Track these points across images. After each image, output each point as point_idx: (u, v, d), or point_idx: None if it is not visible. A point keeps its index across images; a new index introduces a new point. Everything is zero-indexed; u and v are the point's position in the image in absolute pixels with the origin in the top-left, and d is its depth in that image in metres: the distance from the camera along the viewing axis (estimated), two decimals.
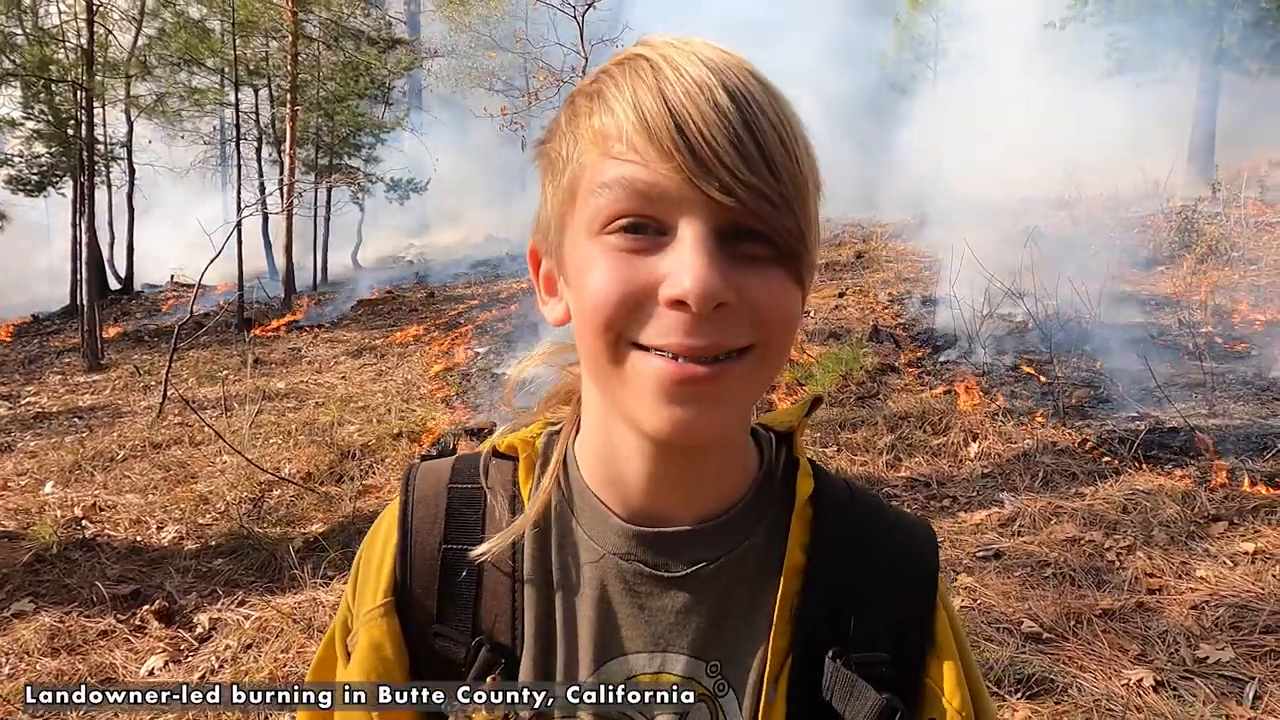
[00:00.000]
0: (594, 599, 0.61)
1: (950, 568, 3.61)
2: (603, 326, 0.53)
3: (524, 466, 0.65)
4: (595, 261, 0.53)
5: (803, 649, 0.60)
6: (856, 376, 6.34)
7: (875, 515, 0.66)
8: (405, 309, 11.77)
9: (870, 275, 9.90)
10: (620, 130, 0.52)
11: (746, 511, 0.61)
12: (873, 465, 4.85)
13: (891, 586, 0.63)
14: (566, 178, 0.55)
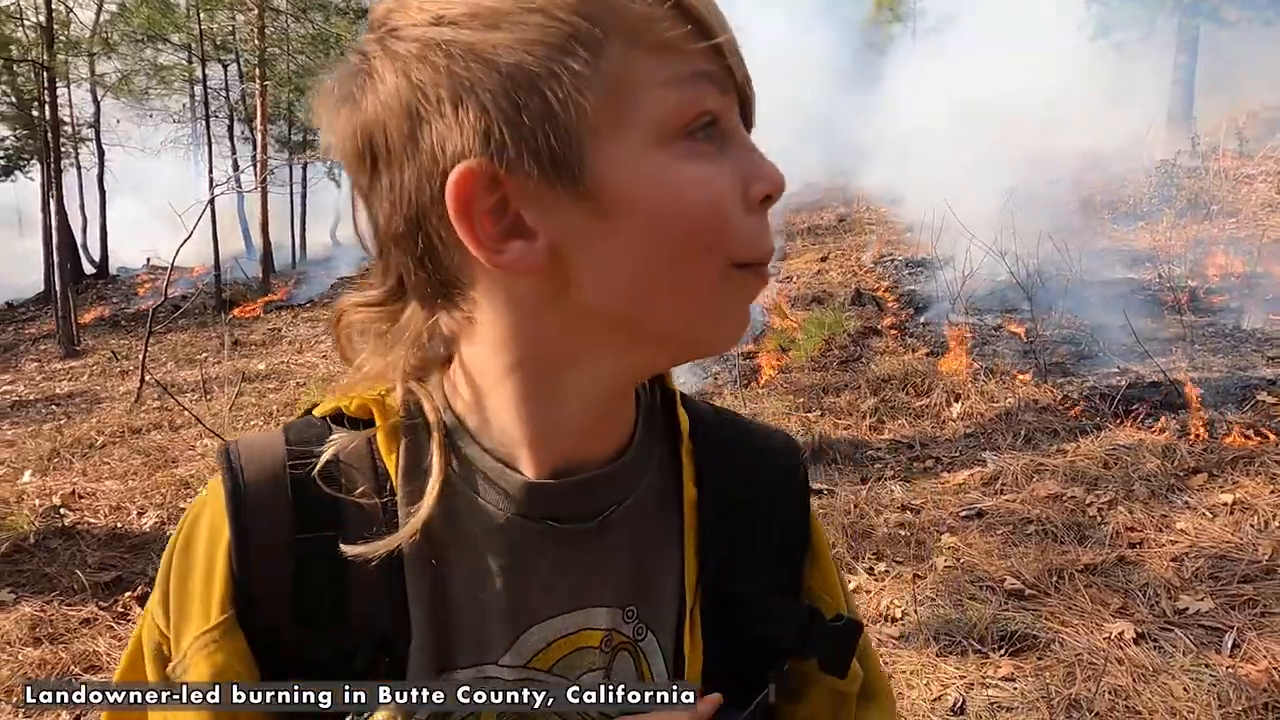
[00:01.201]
0: (500, 568, 0.55)
1: (934, 528, 3.63)
2: (722, 244, 0.49)
3: (384, 434, 0.55)
4: (694, 172, 0.47)
5: (711, 579, 0.59)
6: (839, 340, 6.34)
7: (745, 436, 0.66)
8: None
9: (852, 239, 9.88)
10: (651, 15, 0.46)
11: (640, 447, 0.58)
12: (856, 428, 4.86)
13: (775, 503, 0.63)
14: (595, 77, 0.45)
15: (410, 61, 0.46)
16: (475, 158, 0.45)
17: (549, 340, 0.51)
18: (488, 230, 0.47)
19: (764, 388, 5.83)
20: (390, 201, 0.49)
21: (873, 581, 3.25)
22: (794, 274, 8.63)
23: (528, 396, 0.53)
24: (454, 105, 0.45)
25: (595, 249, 0.48)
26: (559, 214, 0.47)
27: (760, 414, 5.26)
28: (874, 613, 3.04)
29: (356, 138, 0.49)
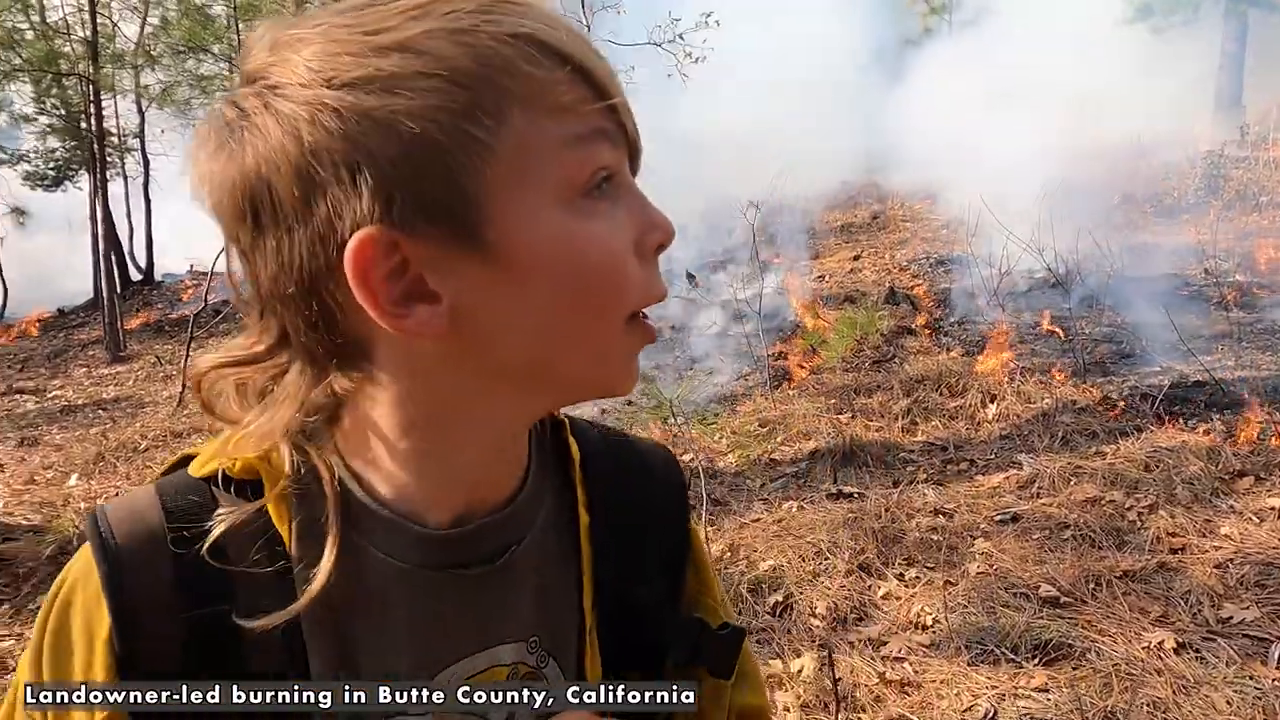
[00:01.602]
0: (406, 620, 0.55)
1: (967, 533, 3.56)
2: (619, 298, 0.50)
3: (275, 497, 0.52)
4: (594, 229, 0.48)
5: (606, 599, 0.61)
6: (872, 340, 6.26)
7: (631, 457, 0.68)
8: None
9: (886, 236, 9.75)
10: (550, 79, 0.46)
11: (534, 482, 0.59)
12: (888, 430, 4.79)
13: (660, 519, 0.66)
14: (499, 141, 0.45)
15: (300, 123, 0.45)
16: (375, 225, 0.45)
17: (451, 397, 0.51)
18: (389, 296, 0.46)
19: (795, 389, 5.78)
20: (279, 263, 0.48)
21: (903, 588, 3.20)
22: (826, 273, 8.54)
23: (429, 451, 0.53)
24: (351, 172, 0.44)
25: (500, 308, 0.48)
26: (462, 276, 0.47)
27: (790, 416, 5.22)
28: (904, 620, 3.00)
29: (237, 194, 0.47)
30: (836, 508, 3.89)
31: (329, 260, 0.46)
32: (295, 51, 0.46)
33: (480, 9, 0.46)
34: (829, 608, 3.07)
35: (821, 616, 3.05)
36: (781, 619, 3.08)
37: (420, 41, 0.45)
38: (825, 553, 3.45)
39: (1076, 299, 6.12)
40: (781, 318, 7.44)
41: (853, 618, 3.04)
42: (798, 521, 3.80)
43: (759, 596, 3.20)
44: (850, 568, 3.31)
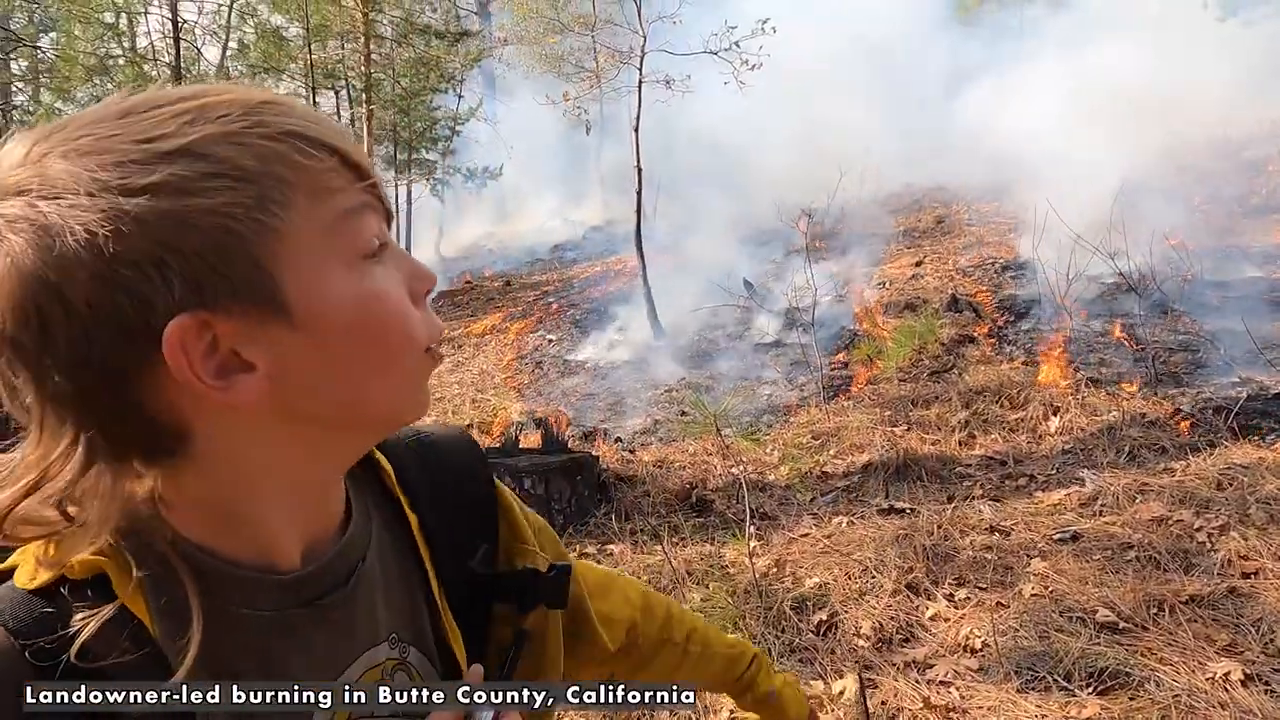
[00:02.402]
0: (282, 657, 0.58)
1: (1023, 552, 3.45)
2: (410, 339, 0.57)
3: (119, 582, 0.53)
4: (376, 286, 0.55)
5: (449, 576, 0.70)
6: (931, 350, 6.11)
7: (428, 447, 0.76)
8: (483, 298, 12.02)
9: (950, 241, 9.50)
10: (321, 167, 0.53)
11: (357, 502, 0.66)
12: (944, 443, 4.67)
13: (472, 492, 0.76)
14: (288, 223, 0.51)
15: (97, 230, 0.47)
16: (186, 312, 0.48)
17: (274, 455, 0.56)
18: (209, 372, 0.50)
19: (850, 400, 5.69)
20: (71, 364, 0.49)
21: (952, 609, 3.12)
22: (887, 280, 8.37)
23: (270, 503, 0.57)
24: (159, 268, 0.48)
25: (311, 365, 0.53)
26: (273, 343, 0.52)
27: (844, 428, 5.14)
28: (951, 642, 2.92)
29: (17, 300, 0.48)
30: (887, 524, 3.82)
31: (136, 351, 0.49)
32: (69, 162, 0.48)
33: (247, 112, 0.51)
34: (874, 628, 3.02)
35: (866, 636, 2.99)
36: (825, 638, 3.03)
37: (202, 145, 0.49)
38: (873, 570, 3.38)
39: (1150, 305, 5.86)
40: (839, 326, 7.34)
41: (898, 639, 2.98)
42: (846, 537, 3.74)
43: (803, 614, 3.16)
44: (898, 587, 3.24)
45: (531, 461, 4.34)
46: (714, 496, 4.49)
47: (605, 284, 10.63)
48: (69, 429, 0.51)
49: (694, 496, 4.45)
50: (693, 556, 3.75)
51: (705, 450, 5.14)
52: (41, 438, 0.52)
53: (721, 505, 4.37)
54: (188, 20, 12.76)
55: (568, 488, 4.31)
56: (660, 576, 3.56)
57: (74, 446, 0.51)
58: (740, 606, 3.15)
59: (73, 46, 12.33)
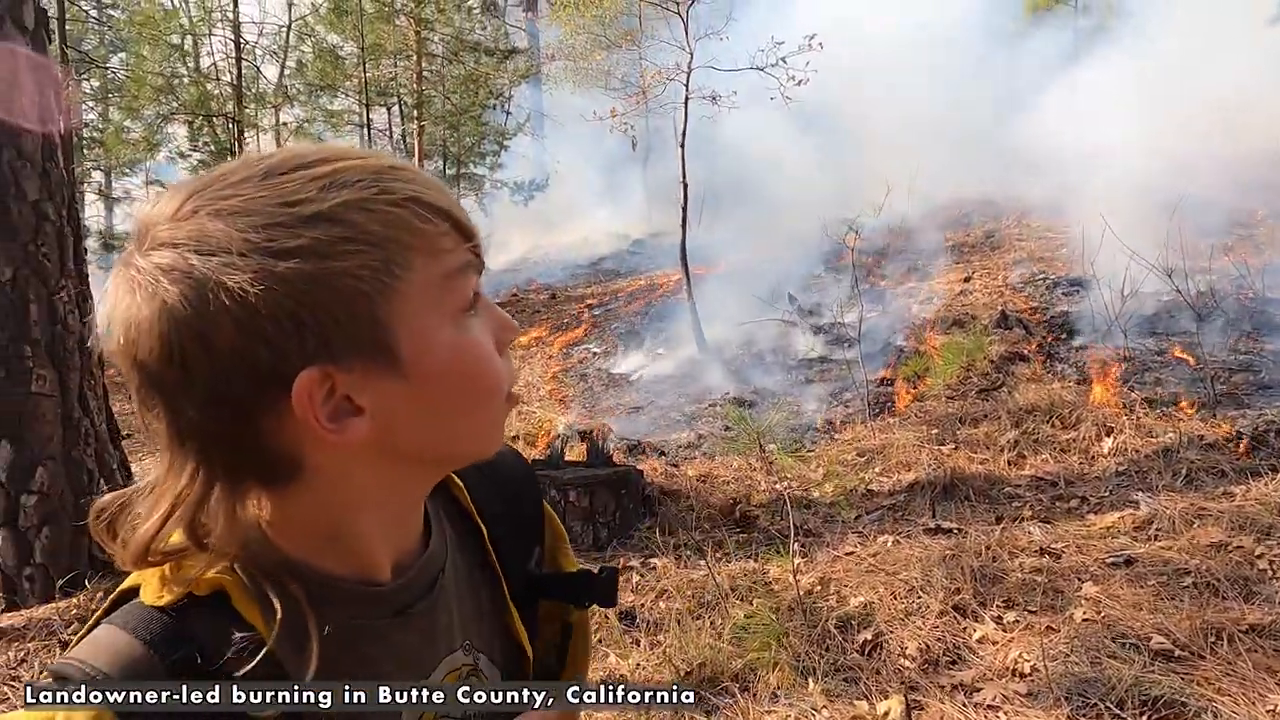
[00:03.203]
0: (379, 664, 0.65)
1: (1074, 576, 3.39)
2: (497, 385, 0.63)
3: (239, 597, 0.59)
4: (473, 339, 0.61)
5: (513, 580, 0.77)
6: (980, 367, 6.03)
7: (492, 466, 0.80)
8: (528, 311, 12.16)
9: (1000, 256, 9.36)
10: (436, 231, 0.59)
11: (434, 519, 0.73)
12: (993, 463, 4.61)
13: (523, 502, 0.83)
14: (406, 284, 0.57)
15: (248, 287, 0.52)
16: (315, 365, 0.54)
17: (372, 484, 0.62)
18: (325, 416, 0.56)
19: (896, 417, 5.64)
20: (207, 401, 0.54)
21: (1000, 631, 3.08)
22: (934, 295, 8.28)
23: (367, 525, 0.64)
24: (296, 323, 0.53)
25: (410, 410, 0.59)
26: (382, 391, 0.58)
27: (890, 445, 5.10)
28: (999, 666, 2.88)
29: (166, 341, 0.53)
30: (934, 543, 3.78)
31: (265, 393, 0.54)
32: (221, 221, 0.53)
33: (375, 178, 0.57)
34: (920, 649, 2.99)
35: (912, 658, 2.97)
36: (870, 658, 3.02)
37: (338, 212, 0.55)
38: (919, 591, 3.36)
39: (1210, 324, 5.71)
40: (885, 342, 7.28)
41: (945, 660, 2.95)
42: (892, 556, 3.71)
43: (848, 633, 3.15)
44: (944, 608, 3.21)
45: (577, 474, 4.39)
46: (758, 512, 4.49)
47: (650, 298, 10.69)
48: (195, 458, 0.57)
49: (738, 512, 4.46)
50: (736, 572, 3.76)
51: (749, 466, 5.14)
52: (171, 465, 0.58)
53: (765, 521, 4.37)
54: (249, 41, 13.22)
55: (612, 501, 4.35)
56: (704, 592, 3.58)
57: (198, 474, 0.57)
58: (784, 624, 3.15)
59: (141, 67, 12.84)
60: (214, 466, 0.57)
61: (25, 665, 3.41)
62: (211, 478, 0.57)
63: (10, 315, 3.91)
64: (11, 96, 3.91)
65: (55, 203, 4.02)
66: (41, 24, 4.14)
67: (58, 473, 3.97)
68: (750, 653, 3.03)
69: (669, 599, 3.60)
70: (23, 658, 3.45)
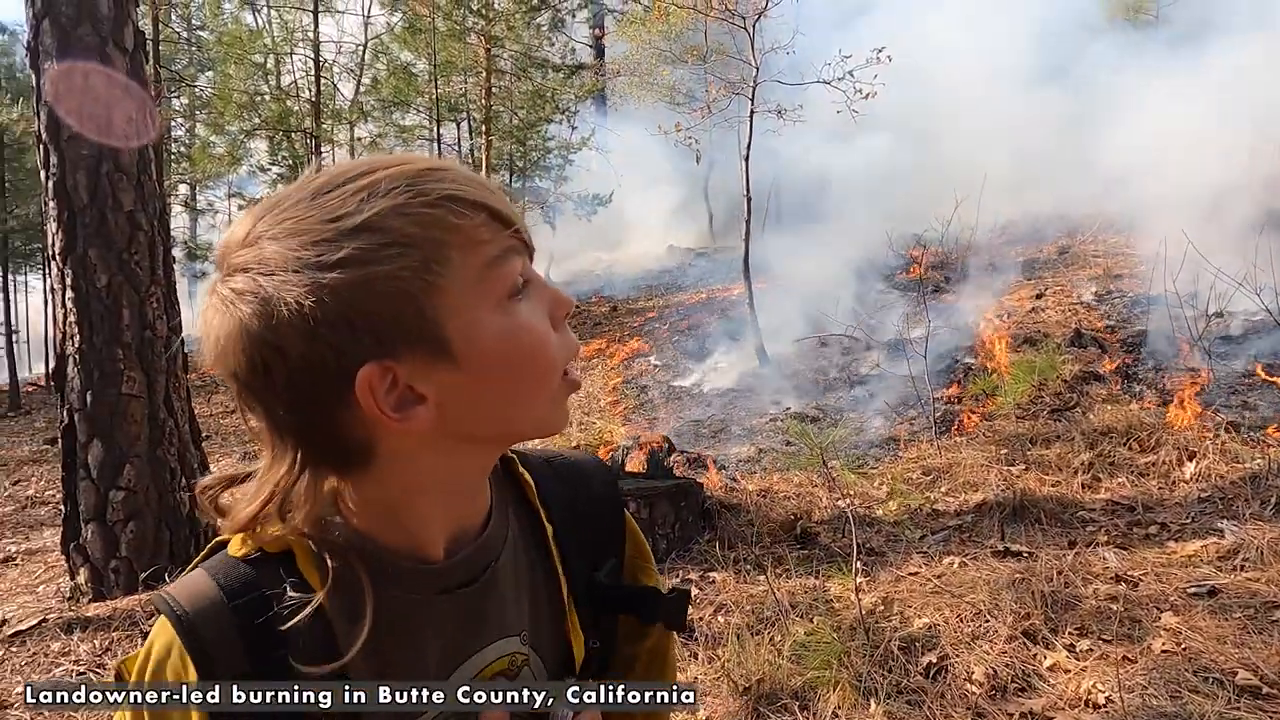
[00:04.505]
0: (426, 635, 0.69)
1: (1152, 605, 3.25)
2: (551, 364, 0.66)
3: (303, 558, 0.66)
4: (522, 321, 0.64)
5: (579, 586, 0.78)
6: (1052, 386, 5.85)
7: (566, 468, 0.84)
8: (590, 323, 12.26)
9: (1074, 273, 9.08)
10: (473, 224, 0.62)
11: (498, 511, 0.75)
12: (1066, 485, 4.46)
13: (600, 510, 0.84)
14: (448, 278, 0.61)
15: (304, 300, 0.58)
16: (373, 360, 0.60)
17: (440, 464, 0.67)
18: (391, 406, 0.61)
19: (963, 436, 5.51)
20: (290, 401, 0.61)
21: (1073, 660, 2.97)
22: (1005, 312, 8.07)
23: (429, 503, 0.68)
24: (349, 325, 0.59)
25: (468, 395, 0.63)
26: (439, 379, 0.62)
27: (957, 464, 4.98)
28: (1071, 695, 2.78)
29: (249, 351, 0.60)
30: (1002, 566, 3.67)
31: (335, 390, 0.60)
32: (279, 243, 0.60)
33: (410, 183, 0.61)
34: (987, 674, 2.91)
35: (978, 683, 2.89)
36: (934, 681, 2.94)
37: (376, 221, 0.59)
38: (987, 614, 3.26)
39: None
40: (951, 359, 7.12)
41: (1013, 688, 2.86)
42: (958, 579, 3.62)
43: (911, 655, 3.08)
44: (1013, 633, 3.11)
45: (637, 486, 4.41)
46: (819, 529, 4.43)
47: (711, 311, 10.67)
48: (290, 449, 0.64)
49: (798, 528, 4.41)
50: (796, 589, 3.71)
51: (810, 481, 5.08)
52: (273, 456, 0.65)
53: (827, 538, 4.31)
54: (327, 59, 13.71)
55: (672, 513, 4.35)
56: (763, 607, 3.54)
57: (296, 462, 0.64)
58: (845, 643, 3.10)
59: (227, 85, 13.44)
60: (306, 456, 0.63)
61: (109, 654, 3.57)
62: (304, 465, 0.64)
63: (105, 320, 4.13)
64: (112, 113, 4.15)
65: (148, 213, 4.24)
66: (139, 45, 4.38)
67: (143, 470, 4.17)
68: (810, 670, 2.99)
69: (728, 613, 3.58)
70: (107, 646, 3.62)
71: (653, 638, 0.83)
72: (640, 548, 0.86)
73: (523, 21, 14.71)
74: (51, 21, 4.09)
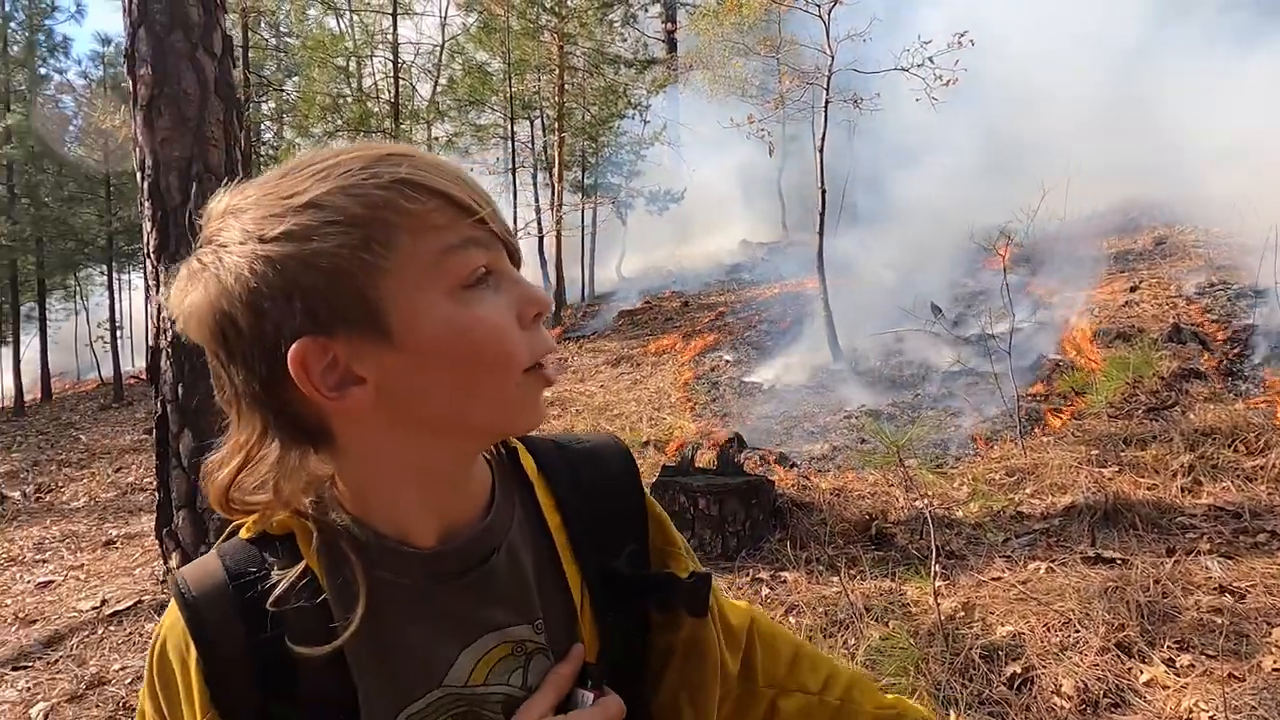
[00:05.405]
0: (421, 622, 0.68)
1: (1262, 618, 3.03)
2: (507, 358, 0.64)
3: (303, 540, 0.68)
4: (475, 312, 0.62)
5: (591, 576, 0.75)
6: (1149, 384, 5.54)
7: (577, 453, 0.81)
8: (661, 318, 12.24)
9: (1172, 265, 8.59)
10: (425, 209, 0.61)
11: (501, 499, 0.74)
12: (1163, 489, 4.20)
13: (619, 494, 0.80)
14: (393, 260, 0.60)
15: (243, 269, 0.60)
16: (307, 335, 0.60)
17: (401, 452, 0.66)
18: (328, 384, 0.61)
19: (1050, 435, 5.26)
20: (246, 371, 0.62)
21: (1172, 676, 2.79)
22: (1096, 306, 7.69)
23: (401, 490, 0.68)
24: (287, 298, 0.59)
25: (411, 381, 0.62)
26: (379, 362, 0.61)
27: (1043, 465, 4.76)
28: (1171, 713, 2.61)
29: (208, 321, 0.62)
30: (1093, 573, 3.48)
31: (281, 364, 0.60)
32: (236, 218, 0.62)
33: (365, 166, 0.61)
34: (1077, 688, 2.75)
35: (1068, 697, 2.74)
36: (1019, 693, 2.81)
37: (324, 199, 0.60)
38: (1076, 624, 3.10)
39: None
40: (1037, 355, 6.82)
41: (1106, 703, 2.70)
42: (1045, 585, 3.45)
43: (994, 665, 2.94)
44: (1106, 645, 2.94)
45: (707, 482, 4.35)
46: (895, 530, 4.29)
47: (784, 306, 10.51)
48: (258, 420, 0.65)
49: (873, 528, 4.28)
50: (871, 591, 3.60)
51: (886, 481, 4.93)
52: (239, 424, 0.66)
53: (903, 540, 4.18)
54: (406, 60, 14.04)
55: (742, 510, 4.28)
56: (837, 609, 3.45)
57: (264, 436, 0.65)
58: (923, 649, 2.99)
59: (311, 88, 13.91)
60: (272, 427, 0.65)
61: None
62: (273, 436, 0.65)
63: None
64: (203, 115, 4.31)
65: None
66: (228, 50, 4.54)
67: None
68: (885, 677, 2.89)
69: (799, 614, 3.50)
70: None
71: (686, 627, 0.78)
72: (666, 532, 0.82)
73: (595, 18, 14.77)
74: (147, 29, 4.27)
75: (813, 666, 0.86)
